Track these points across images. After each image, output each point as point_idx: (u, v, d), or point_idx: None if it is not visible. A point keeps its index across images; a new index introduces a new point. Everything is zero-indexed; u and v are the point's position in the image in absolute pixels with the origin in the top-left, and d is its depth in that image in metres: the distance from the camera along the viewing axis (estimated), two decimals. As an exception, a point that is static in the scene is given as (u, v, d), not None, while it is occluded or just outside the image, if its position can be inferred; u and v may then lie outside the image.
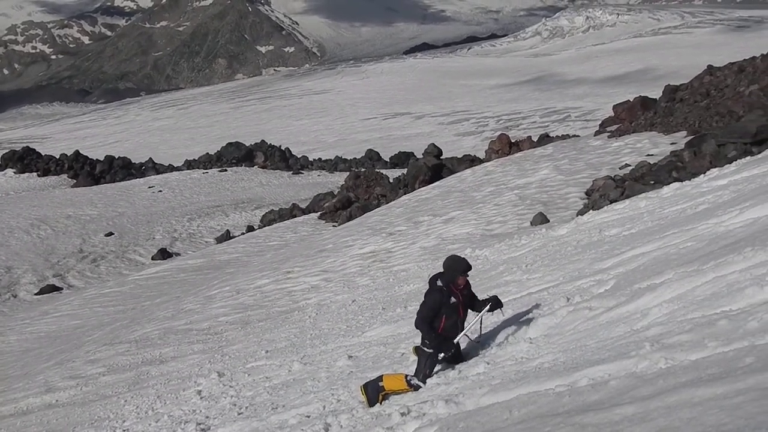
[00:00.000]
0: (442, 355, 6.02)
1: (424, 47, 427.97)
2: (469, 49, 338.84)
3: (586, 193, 17.82)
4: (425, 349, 6.00)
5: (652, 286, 5.91)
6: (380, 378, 5.95)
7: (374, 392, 5.84)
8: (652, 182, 15.44)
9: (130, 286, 23.70)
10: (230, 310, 14.47)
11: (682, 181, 13.62)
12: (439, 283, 6.03)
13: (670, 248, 7.47)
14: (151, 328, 14.06)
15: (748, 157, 14.02)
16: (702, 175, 13.40)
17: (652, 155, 19.70)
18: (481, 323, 6.36)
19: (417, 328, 6.05)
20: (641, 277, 6.53)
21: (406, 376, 5.98)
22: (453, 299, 6.01)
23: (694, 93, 24.96)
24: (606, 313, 5.92)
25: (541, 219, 15.66)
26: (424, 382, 5.89)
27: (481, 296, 6.64)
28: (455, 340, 6.10)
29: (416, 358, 6.27)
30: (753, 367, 3.39)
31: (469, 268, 6.08)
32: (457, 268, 6.01)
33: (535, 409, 4.06)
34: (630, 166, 19.08)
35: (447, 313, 5.99)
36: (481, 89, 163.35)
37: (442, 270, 6.19)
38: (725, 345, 3.94)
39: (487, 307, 6.22)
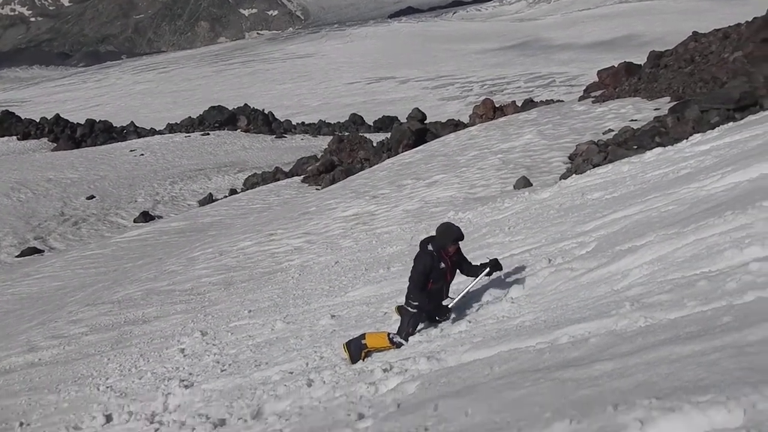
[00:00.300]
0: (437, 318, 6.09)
1: (409, 11, 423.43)
2: (454, 13, 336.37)
3: (570, 158, 17.87)
4: (409, 309, 6.04)
5: (633, 248, 5.97)
6: (363, 336, 6.00)
7: (357, 350, 5.89)
8: (635, 147, 15.49)
9: (112, 248, 23.60)
10: (213, 271, 14.46)
11: (664, 146, 13.67)
12: (429, 247, 6.05)
13: (651, 211, 7.53)
14: (133, 289, 14.03)
15: (731, 123, 14.08)
16: (684, 140, 13.46)
17: (635, 120, 19.75)
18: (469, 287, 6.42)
19: (410, 294, 6.06)
20: (623, 240, 6.59)
21: (389, 334, 6.03)
22: (442, 265, 6.04)
23: (678, 59, 24.96)
24: (587, 274, 5.98)
25: (524, 183, 15.71)
26: (407, 340, 5.94)
27: (476, 262, 6.66)
28: (446, 304, 6.14)
29: (399, 317, 6.32)
30: (730, 325, 3.45)
31: (462, 237, 6.11)
32: (449, 235, 6.03)
33: (515, 365, 4.11)
34: (613, 131, 19.13)
35: (434, 278, 6.03)
36: (466, 54, 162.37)
37: (433, 234, 6.20)
38: (704, 305, 4.00)
39: (486, 270, 6.23)
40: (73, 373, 8.66)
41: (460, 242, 6.13)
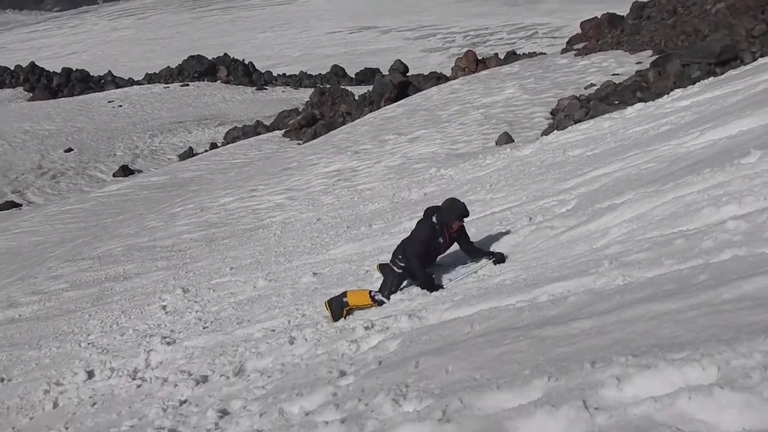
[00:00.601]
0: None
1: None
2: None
3: (551, 113, 17.84)
4: (395, 268, 6.03)
5: (613, 206, 6.01)
6: (344, 294, 6.02)
7: (338, 307, 5.92)
8: (617, 102, 15.48)
9: (92, 203, 23.41)
10: (194, 227, 14.41)
11: (646, 102, 13.68)
12: (434, 219, 6.00)
13: (631, 169, 7.57)
14: (114, 245, 13.97)
15: (711, 78, 14.10)
16: (666, 95, 13.47)
17: (617, 75, 19.70)
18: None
19: (399, 254, 6.03)
20: (603, 197, 6.62)
21: (370, 291, 6.06)
22: (441, 240, 6.01)
23: (661, 10, 24.79)
24: (567, 232, 6.02)
25: (506, 139, 15.70)
26: (388, 299, 5.97)
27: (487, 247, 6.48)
28: (443, 284, 6.04)
29: (380, 275, 6.33)
30: (706, 284, 3.50)
31: (467, 214, 6.05)
32: (454, 211, 5.97)
33: (496, 323, 4.16)
34: (595, 85, 19.08)
35: (430, 250, 6.01)
36: (449, 3, 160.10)
37: (439, 205, 6.15)
38: (681, 263, 4.04)
39: (491, 261, 6.03)
40: (54, 330, 8.66)
41: (464, 219, 6.07)
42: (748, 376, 2.36)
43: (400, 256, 6.05)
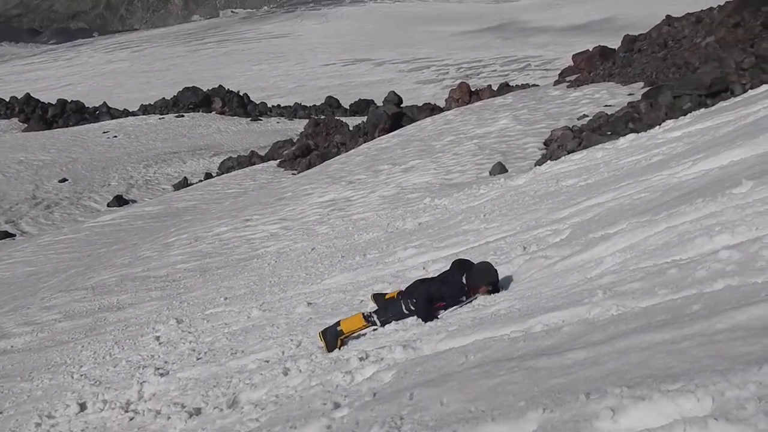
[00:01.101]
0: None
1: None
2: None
3: (545, 143, 17.98)
4: (404, 308, 5.91)
5: (606, 236, 6.03)
6: (338, 323, 6.00)
7: (333, 337, 5.89)
8: (609, 133, 15.62)
9: (86, 233, 23.35)
10: (188, 257, 14.38)
11: (638, 133, 13.79)
12: (464, 280, 5.89)
13: (624, 199, 7.61)
14: (107, 275, 13.91)
15: (702, 109, 14.24)
16: (657, 126, 13.59)
17: (609, 106, 19.89)
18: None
19: (415, 295, 5.89)
20: (596, 227, 6.65)
21: (363, 312, 6.04)
22: (463, 298, 5.90)
23: (652, 44, 25.15)
24: (561, 261, 6.03)
25: (499, 169, 15.79)
26: (383, 325, 5.95)
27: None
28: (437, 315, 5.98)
29: (374, 305, 6.31)
30: (699, 313, 3.51)
31: (497, 282, 5.96)
32: (487, 278, 5.88)
33: (490, 354, 4.15)
34: (588, 116, 19.26)
35: (447, 304, 5.90)
36: (443, 36, 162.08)
37: (471, 262, 6.07)
38: (674, 293, 4.05)
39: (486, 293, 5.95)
40: (46, 361, 8.58)
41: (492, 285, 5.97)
42: (742, 408, 2.36)
43: (414, 300, 5.89)
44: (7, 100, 59.73)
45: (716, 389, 2.52)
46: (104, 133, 47.61)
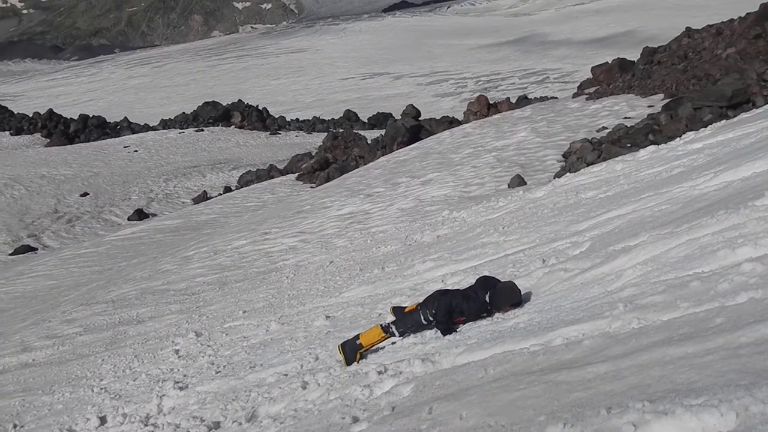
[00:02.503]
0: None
1: (404, 5, 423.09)
2: (448, 7, 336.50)
3: (564, 156, 17.90)
4: (423, 319, 5.87)
5: (627, 248, 5.98)
6: (357, 337, 5.99)
7: (352, 351, 5.88)
8: (629, 145, 15.52)
9: (106, 246, 23.55)
10: (207, 270, 14.44)
11: (658, 144, 13.70)
12: (487, 299, 5.83)
13: (645, 211, 7.55)
14: (127, 289, 14.01)
15: (724, 121, 14.12)
16: (678, 138, 13.49)
17: (629, 118, 19.79)
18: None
19: (435, 308, 5.82)
20: (616, 240, 6.60)
21: (381, 324, 6.02)
22: (484, 315, 5.87)
23: (671, 56, 25.00)
24: (581, 274, 5.98)
25: (518, 181, 15.73)
26: (401, 336, 5.93)
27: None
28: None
29: (393, 318, 6.29)
30: (722, 327, 3.47)
31: (521, 302, 5.91)
32: (511, 298, 5.82)
33: (509, 368, 4.12)
34: (607, 128, 19.16)
35: (467, 319, 5.85)
36: (461, 49, 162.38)
37: (497, 280, 6.04)
38: (696, 306, 4.01)
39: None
40: (67, 374, 8.64)
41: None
42: (767, 423, 2.32)
43: (434, 311, 5.84)
44: (31, 115, 60.58)
45: (740, 404, 2.49)
46: (125, 147, 48.11)
